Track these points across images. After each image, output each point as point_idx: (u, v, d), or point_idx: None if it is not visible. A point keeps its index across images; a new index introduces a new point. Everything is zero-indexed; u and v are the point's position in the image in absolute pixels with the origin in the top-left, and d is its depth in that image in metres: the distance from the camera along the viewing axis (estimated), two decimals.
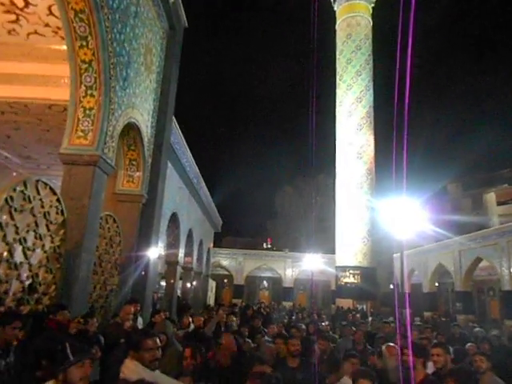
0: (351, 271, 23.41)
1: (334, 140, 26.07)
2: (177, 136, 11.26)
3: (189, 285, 17.53)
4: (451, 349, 4.95)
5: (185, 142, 12.33)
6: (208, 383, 3.28)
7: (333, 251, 26.11)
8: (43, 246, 4.88)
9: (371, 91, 25.35)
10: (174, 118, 10.33)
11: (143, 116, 8.16)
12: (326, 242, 29.82)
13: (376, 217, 21.48)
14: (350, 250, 23.55)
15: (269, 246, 42.11)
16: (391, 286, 28.17)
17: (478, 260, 18.93)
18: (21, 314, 3.69)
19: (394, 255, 26.12)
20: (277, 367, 3.56)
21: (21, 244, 4.43)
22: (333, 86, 26.82)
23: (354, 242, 23.46)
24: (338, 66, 26.33)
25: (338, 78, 26.24)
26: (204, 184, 17.44)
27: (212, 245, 24.62)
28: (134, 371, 2.55)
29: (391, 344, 4.54)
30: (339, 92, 25.96)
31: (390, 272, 27.62)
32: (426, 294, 23.33)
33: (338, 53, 26.43)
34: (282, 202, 39.26)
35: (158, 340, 2.77)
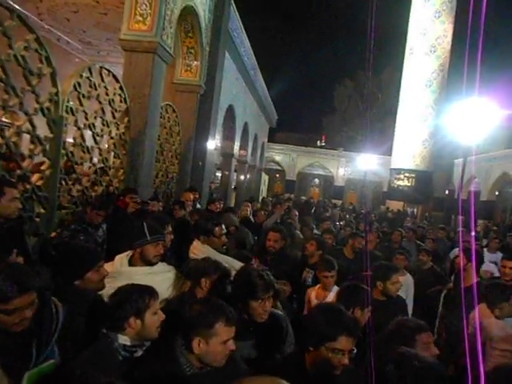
0: (406, 174, 22.84)
1: (406, 32, 23.31)
2: (235, 22, 10.58)
3: (243, 177, 18.17)
4: None
5: (243, 29, 11.61)
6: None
7: (388, 153, 25.30)
8: (110, 132, 5.13)
9: None
10: (232, 1, 9.60)
11: None
12: (383, 143, 28.81)
13: (441, 119, 20.00)
14: (408, 152, 22.62)
15: (323, 144, 41.55)
16: (446, 192, 27.46)
17: None
18: (104, 205, 4.09)
19: (456, 161, 24.91)
20: (335, 256, 3.85)
21: (90, 129, 4.67)
22: None
23: (413, 144, 22.38)
24: None
25: None
26: (261, 76, 16.81)
27: (266, 139, 24.70)
28: (205, 253, 2.83)
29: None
30: None
31: (447, 177, 26.68)
32: (484, 202, 22.58)
33: None
34: (341, 98, 37.32)
35: (224, 227, 3.13)
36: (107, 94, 4.96)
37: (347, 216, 13.61)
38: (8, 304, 1.51)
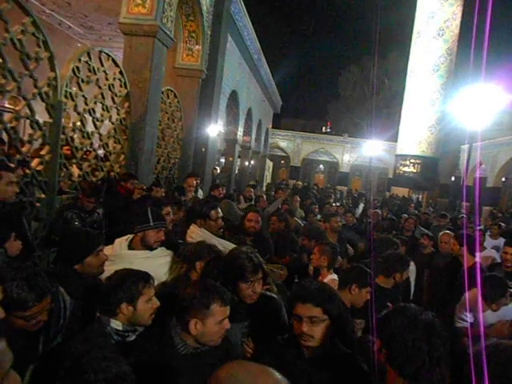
0: (412, 160, 22.61)
1: (413, 15, 22.81)
2: (237, 5, 10.41)
3: (246, 163, 18.14)
4: None
5: (246, 12, 11.43)
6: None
7: (394, 139, 25.08)
8: (110, 117, 5.11)
9: None
10: None
11: None
12: (389, 129, 28.55)
13: (448, 105, 19.70)
14: (414, 138, 22.36)
15: (328, 130, 41.31)
16: (453, 178, 27.26)
17: None
18: (94, 192, 4.08)
19: (462, 147, 24.64)
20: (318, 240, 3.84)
21: (90, 115, 4.65)
22: None
23: (419, 130, 22.11)
24: None
25: None
26: (265, 61, 16.61)
27: (271, 125, 24.55)
28: (201, 236, 2.84)
29: (447, 232, 4.81)
30: None
31: (454, 164, 26.45)
32: (490, 189, 22.40)
33: None
34: (345, 84, 36.86)
35: (220, 210, 3.14)
36: (107, 79, 4.92)
37: (344, 201, 13.63)
38: (27, 311, 1.53)
